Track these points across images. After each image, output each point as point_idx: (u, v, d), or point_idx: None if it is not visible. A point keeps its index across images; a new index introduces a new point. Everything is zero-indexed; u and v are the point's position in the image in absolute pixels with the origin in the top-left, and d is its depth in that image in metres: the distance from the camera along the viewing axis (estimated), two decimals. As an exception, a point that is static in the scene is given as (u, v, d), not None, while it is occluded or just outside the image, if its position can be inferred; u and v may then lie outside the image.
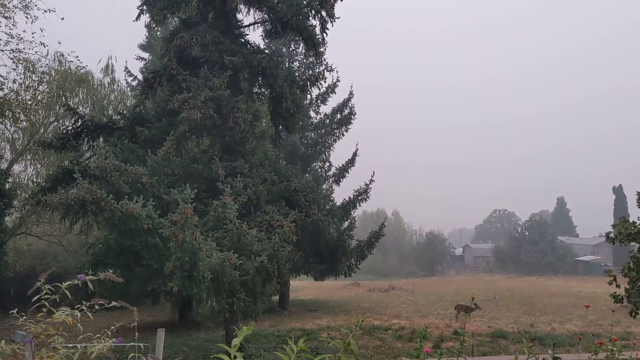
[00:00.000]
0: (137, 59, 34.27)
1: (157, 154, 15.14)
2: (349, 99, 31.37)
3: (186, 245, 11.71)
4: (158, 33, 32.10)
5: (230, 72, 16.12)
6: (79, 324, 2.89)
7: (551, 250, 75.29)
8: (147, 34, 34.26)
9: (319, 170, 30.91)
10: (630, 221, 11.52)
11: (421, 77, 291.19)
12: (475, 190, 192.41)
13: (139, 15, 17.75)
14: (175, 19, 18.80)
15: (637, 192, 11.32)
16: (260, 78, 17.61)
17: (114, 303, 3.34)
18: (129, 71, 32.97)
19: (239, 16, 18.15)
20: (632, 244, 11.42)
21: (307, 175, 27.01)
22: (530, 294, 36.90)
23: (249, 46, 18.23)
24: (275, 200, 16.91)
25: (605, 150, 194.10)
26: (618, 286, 10.96)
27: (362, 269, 34.00)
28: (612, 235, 11.50)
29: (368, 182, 28.16)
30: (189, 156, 16.73)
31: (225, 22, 17.41)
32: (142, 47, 34.52)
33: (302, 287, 44.58)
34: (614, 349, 4.06)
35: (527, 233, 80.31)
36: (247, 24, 18.34)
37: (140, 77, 31.23)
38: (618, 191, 76.42)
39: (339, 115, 31.43)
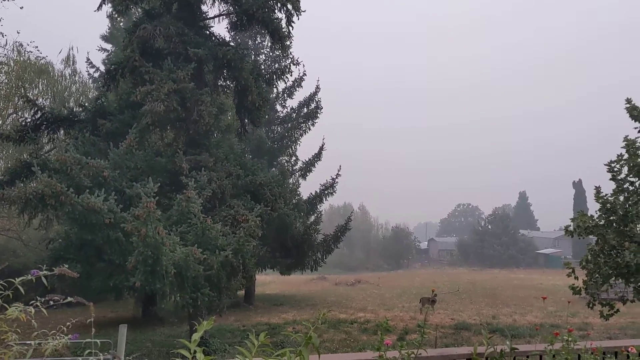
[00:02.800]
0: (99, 50, 33.50)
1: (120, 147, 14.88)
2: (315, 93, 31.31)
3: (149, 239, 11.54)
4: (121, 24, 31.39)
5: (195, 65, 15.92)
6: (32, 320, 2.81)
7: (513, 243, 76.86)
8: (109, 25, 33.48)
9: (286, 164, 30.78)
10: (589, 215, 11.83)
11: (391, 76, 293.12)
12: (441, 185, 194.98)
13: (100, 5, 17.42)
14: (139, 9, 18.46)
15: (595, 187, 11.60)
16: (225, 71, 17.46)
17: (70, 299, 3.26)
18: (91, 62, 32.23)
19: (204, 8, 17.97)
20: (590, 237, 11.71)
21: (274, 169, 26.87)
22: (492, 287, 37.57)
23: (214, 38, 18.04)
24: (241, 194, 16.81)
25: (567, 151, 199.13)
26: (576, 278, 11.25)
27: (329, 263, 34.14)
28: (570, 228, 11.77)
29: (334, 177, 28.24)
30: (153, 149, 16.50)
31: (189, 13, 17.18)
32: (105, 38, 33.73)
33: (268, 281, 44.48)
34: (569, 339, 4.15)
35: (490, 227, 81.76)
36: (212, 15, 18.18)
37: (102, 68, 30.54)
38: (578, 186, 78.33)
39: (305, 109, 31.35)
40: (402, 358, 3.88)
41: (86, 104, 19.30)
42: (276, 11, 17.23)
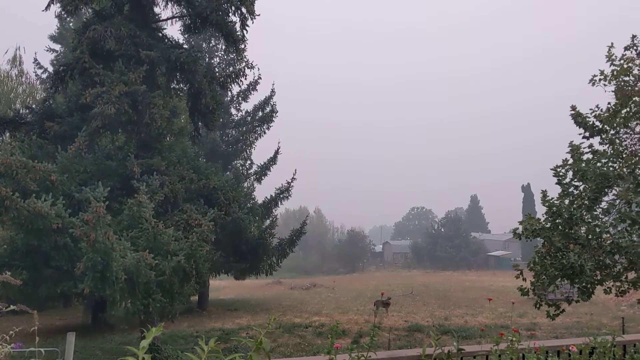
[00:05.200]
0: (47, 50, 32.58)
1: (68, 150, 14.53)
2: (270, 97, 31.24)
3: (98, 245, 11.31)
4: (71, 24, 30.65)
5: (147, 67, 15.69)
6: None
7: (465, 246, 78.34)
8: (58, 25, 32.59)
9: (240, 168, 30.63)
10: (536, 218, 12.18)
11: (350, 76, 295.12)
12: (396, 188, 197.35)
13: (49, 5, 16.97)
14: (89, 9, 18.06)
15: (542, 191, 11.96)
16: (178, 73, 17.26)
17: (12, 307, 3.17)
18: (39, 63, 31.30)
19: (157, 9, 17.73)
20: (538, 239, 12.06)
21: (228, 173, 26.65)
22: (445, 289, 38.24)
23: (166, 41, 17.81)
24: (194, 198, 16.63)
25: (517, 158, 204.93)
26: (524, 279, 11.57)
27: (284, 267, 34.04)
28: (518, 231, 12.08)
29: (290, 180, 28.22)
30: (103, 153, 16.16)
31: (141, 15, 16.92)
32: (53, 39, 32.82)
33: (222, 286, 44.09)
34: (514, 339, 4.27)
35: (442, 230, 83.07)
36: (165, 18, 17.94)
37: (51, 69, 29.71)
38: (526, 190, 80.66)
39: (260, 113, 31.25)
40: (352, 361, 3.92)
41: (33, 106, 18.78)
42: (230, 14, 17.16)
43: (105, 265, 11.61)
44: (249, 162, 31.45)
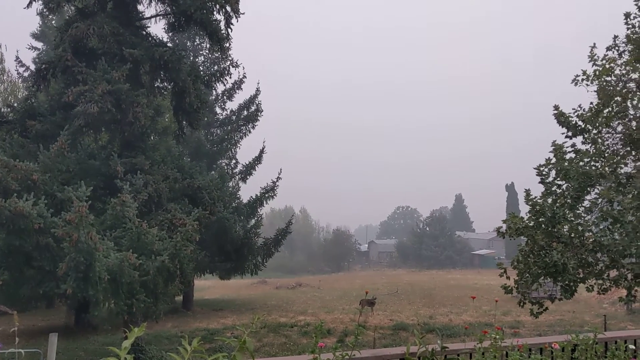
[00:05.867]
0: (29, 48, 32.17)
1: (51, 149, 14.35)
2: (255, 96, 31.12)
3: (81, 245, 11.20)
4: (53, 22, 30.30)
5: (130, 65, 15.56)
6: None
7: (450, 245, 78.80)
8: (40, 22, 32.25)
9: (225, 167, 30.48)
10: (519, 217, 12.27)
11: (338, 75, 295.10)
12: (381, 187, 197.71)
13: (30, 2, 16.77)
14: (72, 7, 17.88)
15: (525, 189, 12.05)
16: (162, 72, 17.14)
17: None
18: (21, 61, 30.84)
19: (140, 7, 17.60)
20: (521, 237, 12.15)
21: (213, 172, 26.49)
22: (430, 287, 38.41)
23: (150, 39, 17.68)
24: (178, 198, 16.54)
25: (502, 158, 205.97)
26: (508, 278, 11.65)
27: (270, 267, 33.95)
28: (502, 230, 12.17)
29: (275, 180, 28.11)
30: (86, 152, 15.99)
31: (125, 13, 16.78)
32: (35, 36, 32.45)
33: (207, 286, 43.88)
34: (497, 336, 4.30)
35: (428, 229, 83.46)
36: (149, 16, 17.82)
37: (33, 67, 29.36)
38: (510, 188, 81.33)
39: (245, 112, 31.12)
40: (337, 359, 3.91)
41: (15, 104, 18.57)
42: (215, 13, 17.06)
43: (88, 266, 11.49)
44: (234, 161, 31.31)
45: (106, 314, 16.27)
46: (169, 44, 19.70)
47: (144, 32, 17.70)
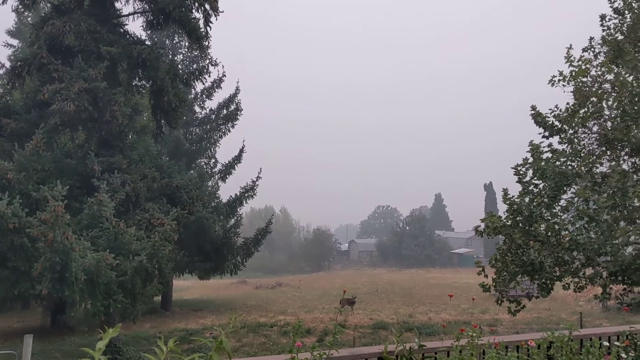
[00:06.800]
0: (4, 45, 31.64)
1: (26, 148, 14.12)
2: (235, 95, 30.96)
3: (57, 245, 11.04)
4: (29, 19, 29.87)
5: (108, 63, 15.36)
6: None
7: (429, 244, 79.32)
8: (16, 19, 31.76)
9: (204, 166, 30.26)
10: (497, 216, 12.39)
11: (325, 75, 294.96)
12: (361, 187, 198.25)
13: (5, -2, 16.47)
14: (48, 4, 17.60)
15: (503, 189, 12.16)
16: (140, 70, 16.95)
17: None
18: (-5, 59, 30.42)
19: (118, 5, 17.40)
20: (499, 236, 12.26)
21: (192, 171, 26.31)
22: (409, 286, 38.63)
23: (128, 36, 17.48)
24: (156, 197, 16.39)
25: (481, 160, 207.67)
26: (486, 276, 11.76)
27: (250, 267, 33.86)
28: (480, 228, 12.27)
29: (255, 179, 28.02)
30: (62, 151, 15.79)
31: (102, 10, 16.56)
32: (11, 33, 31.92)
33: (186, 286, 43.61)
34: (474, 334, 4.32)
35: (407, 228, 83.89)
36: (127, 13, 17.60)
37: (8, 65, 28.88)
38: (489, 188, 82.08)
39: (225, 111, 30.94)
40: (314, 359, 3.90)
41: (-11, 102, 18.19)
42: (194, 11, 16.94)
43: (64, 266, 11.33)
44: (213, 160, 31.08)
45: (83, 314, 16.04)
46: (148, 42, 19.53)
47: (122, 30, 17.49)
